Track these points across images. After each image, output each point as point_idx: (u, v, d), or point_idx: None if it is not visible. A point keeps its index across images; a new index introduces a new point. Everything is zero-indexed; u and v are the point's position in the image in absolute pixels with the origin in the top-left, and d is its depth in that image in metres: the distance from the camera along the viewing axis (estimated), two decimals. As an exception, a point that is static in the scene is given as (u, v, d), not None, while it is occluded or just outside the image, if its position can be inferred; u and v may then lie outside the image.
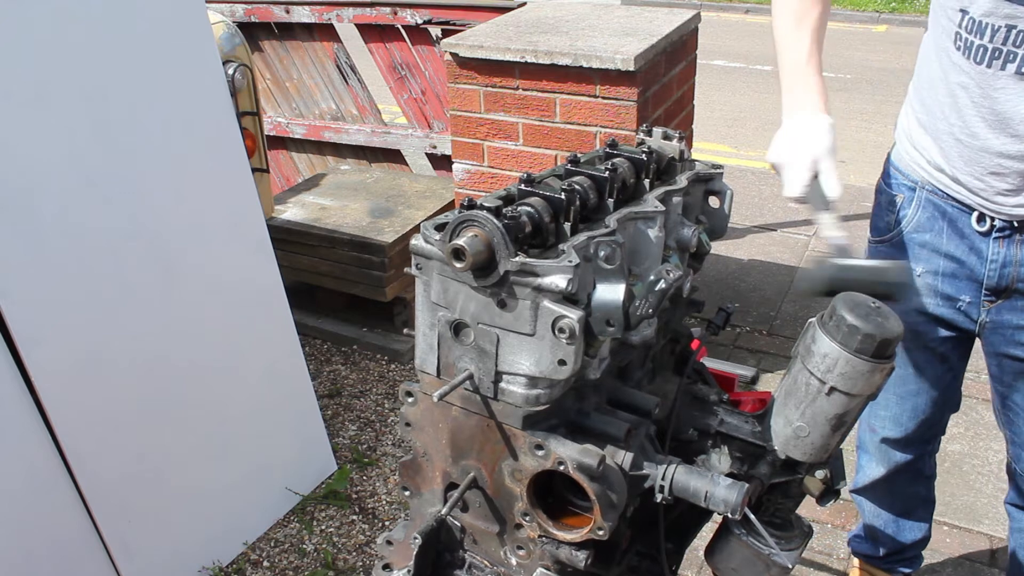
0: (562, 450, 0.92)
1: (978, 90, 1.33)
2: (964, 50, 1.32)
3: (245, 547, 2.37)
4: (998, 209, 1.41)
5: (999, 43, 1.27)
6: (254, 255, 2.35)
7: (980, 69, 1.31)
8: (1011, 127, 1.32)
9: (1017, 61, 1.27)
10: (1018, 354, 1.52)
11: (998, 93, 1.31)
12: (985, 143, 1.36)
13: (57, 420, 1.87)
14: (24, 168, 1.79)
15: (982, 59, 1.30)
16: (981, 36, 1.29)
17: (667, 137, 1.18)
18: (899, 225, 1.57)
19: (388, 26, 3.78)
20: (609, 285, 0.89)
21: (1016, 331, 1.50)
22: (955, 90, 1.37)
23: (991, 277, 1.48)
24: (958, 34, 1.32)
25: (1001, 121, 1.32)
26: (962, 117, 1.37)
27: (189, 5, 2.13)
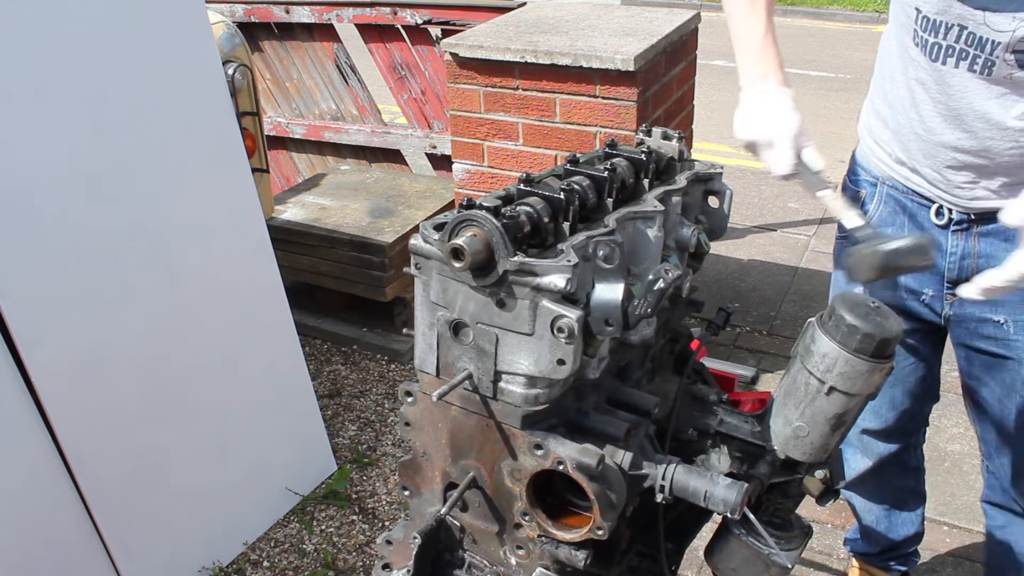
0: (561, 450, 0.92)
1: (934, 86, 1.36)
2: (921, 46, 1.35)
3: (245, 547, 2.37)
4: (956, 202, 1.44)
5: (952, 41, 1.31)
6: (254, 255, 2.35)
7: (935, 66, 1.34)
8: (965, 123, 1.35)
9: (969, 59, 1.30)
10: (982, 347, 1.55)
11: (952, 90, 1.34)
12: (941, 138, 1.39)
13: (57, 420, 1.87)
14: (24, 168, 1.79)
15: (937, 56, 1.33)
16: (935, 34, 1.32)
17: (667, 137, 1.18)
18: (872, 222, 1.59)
19: (388, 26, 3.78)
20: (608, 285, 0.89)
21: (979, 323, 1.52)
22: (913, 85, 1.40)
23: (951, 270, 1.50)
24: (915, 31, 1.35)
25: (956, 117, 1.36)
26: (920, 112, 1.41)
27: (189, 5, 2.13)
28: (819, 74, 7.77)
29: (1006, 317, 1.49)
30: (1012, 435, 1.62)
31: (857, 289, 1.49)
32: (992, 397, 1.61)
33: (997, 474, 1.73)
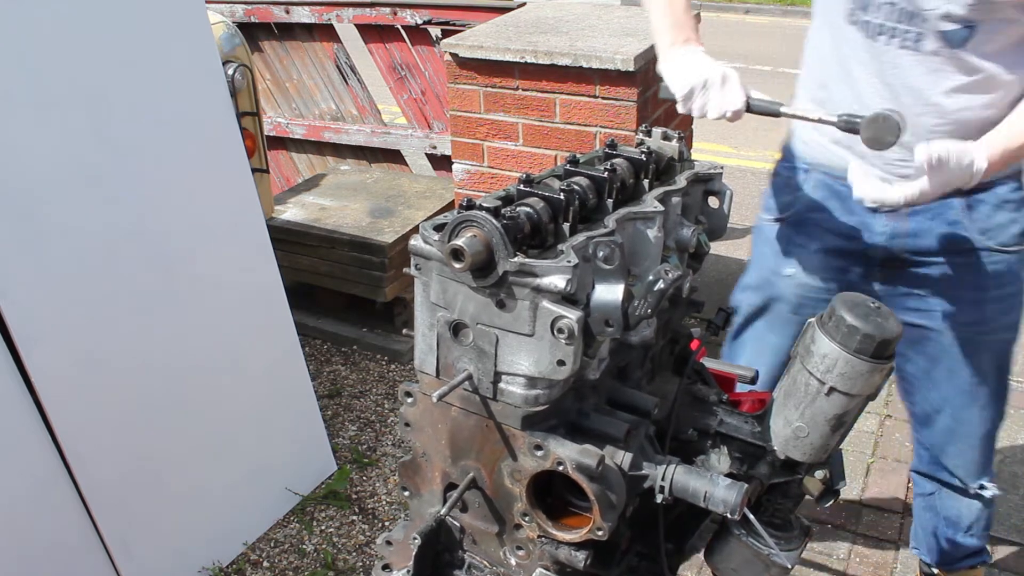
0: (561, 450, 0.92)
1: (869, 63, 1.42)
2: (855, 24, 1.42)
3: (245, 547, 2.37)
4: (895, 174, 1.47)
5: (883, 19, 1.37)
6: (254, 255, 2.35)
7: (869, 43, 1.41)
8: (897, 99, 1.40)
9: (900, 35, 1.37)
10: (908, 319, 1.59)
11: (885, 66, 1.41)
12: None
13: (57, 420, 1.87)
14: (24, 168, 1.79)
15: (870, 33, 1.40)
16: (868, 12, 1.39)
17: (666, 137, 1.18)
18: (795, 205, 1.65)
19: (388, 26, 3.78)
20: (608, 285, 0.89)
21: (906, 298, 1.60)
22: (849, 64, 1.46)
23: (881, 249, 1.56)
24: (850, 10, 1.41)
25: (889, 92, 1.42)
26: (855, 90, 1.46)
27: (189, 5, 2.13)
28: (819, 74, 7.77)
29: (930, 294, 1.57)
30: (938, 407, 1.71)
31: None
32: (918, 371, 1.69)
33: (926, 444, 1.81)
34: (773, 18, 10.20)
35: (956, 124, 1.41)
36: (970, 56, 1.36)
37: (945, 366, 1.64)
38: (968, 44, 1.35)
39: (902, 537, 2.39)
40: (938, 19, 1.33)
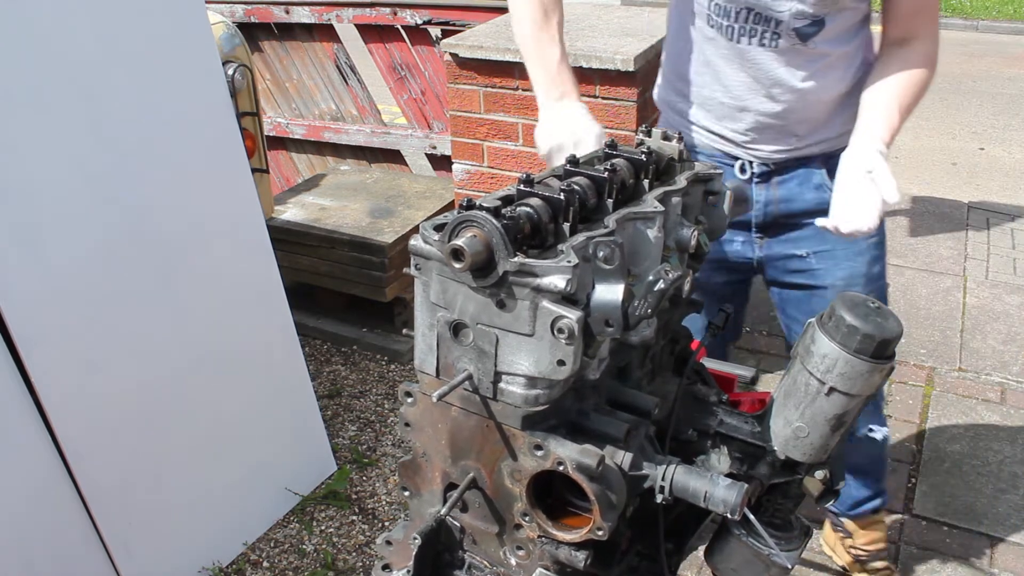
0: (561, 450, 0.92)
1: (736, 61, 1.59)
2: (717, 29, 1.57)
3: (245, 547, 2.37)
4: (758, 156, 1.67)
5: (743, 23, 1.54)
6: (254, 255, 2.35)
7: (732, 44, 1.57)
8: (765, 89, 1.59)
9: (759, 36, 1.54)
10: (792, 280, 1.78)
11: (750, 63, 1.58)
12: (745, 103, 1.62)
13: (57, 420, 1.87)
14: (24, 168, 1.79)
15: (732, 36, 1.56)
16: (728, 18, 1.55)
17: (666, 138, 1.18)
18: None
19: (388, 26, 3.78)
20: (608, 285, 0.89)
21: (786, 260, 1.76)
22: (715, 61, 1.62)
23: (758, 217, 1.72)
24: (709, 16, 1.57)
25: (756, 83, 1.60)
26: (724, 84, 1.63)
27: (189, 5, 2.13)
28: (819, 74, 7.77)
29: (807, 250, 1.73)
30: None
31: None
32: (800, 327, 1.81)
33: None
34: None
35: (816, 103, 1.61)
36: (820, 45, 1.55)
37: None
38: (818, 36, 1.54)
39: (902, 537, 2.39)
40: (792, 18, 1.50)
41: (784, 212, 1.71)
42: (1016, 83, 7.48)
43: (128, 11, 1.98)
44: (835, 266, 1.73)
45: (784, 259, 1.75)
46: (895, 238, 4.21)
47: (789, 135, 1.64)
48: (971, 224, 4.37)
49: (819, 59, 1.56)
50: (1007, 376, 3.10)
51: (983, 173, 5.46)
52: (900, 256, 4.02)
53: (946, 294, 3.69)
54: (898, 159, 5.64)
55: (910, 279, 3.82)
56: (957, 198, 4.76)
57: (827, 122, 1.64)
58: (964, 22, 9.80)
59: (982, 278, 3.82)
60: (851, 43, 1.59)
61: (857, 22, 1.58)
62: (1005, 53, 8.57)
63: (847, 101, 1.63)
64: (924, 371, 3.12)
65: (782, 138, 1.64)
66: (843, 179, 1.47)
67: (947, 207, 4.58)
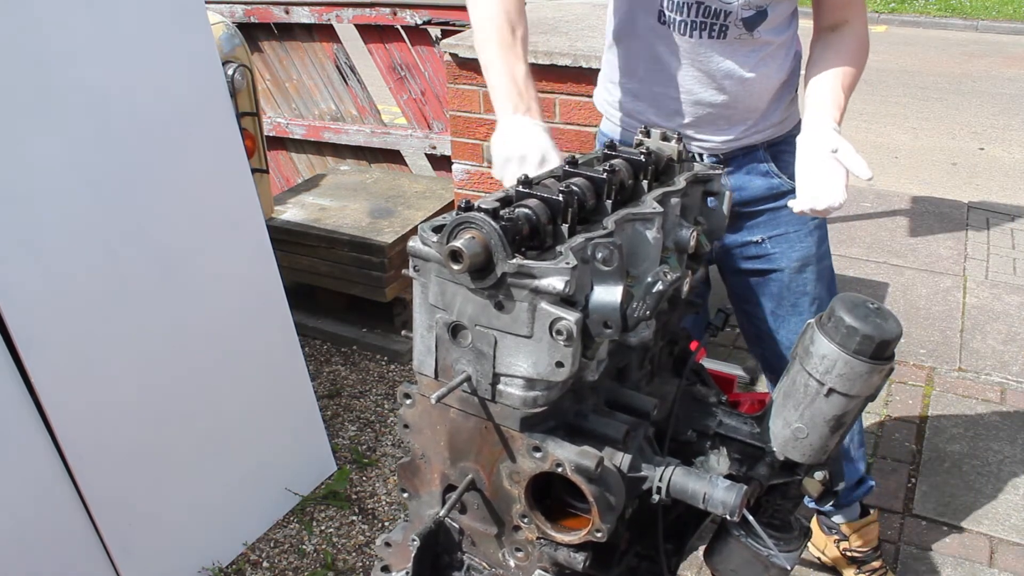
0: (560, 452, 0.92)
1: (686, 55, 1.63)
2: (670, 24, 1.62)
3: (245, 548, 2.37)
4: (707, 147, 1.71)
5: (693, 16, 1.59)
6: (254, 255, 2.35)
7: (684, 39, 1.62)
8: (715, 81, 1.64)
9: (707, 29, 1.60)
10: (748, 267, 1.83)
11: (701, 56, 1.63)
12: (698, 96, 1.66)
13: (57, 420, 1.87)
14: (24, 168, 1.79)
15: (685, 30, 1.61)
16: (681, 13, 1.59)
17: (665, 138, 1.18)
18: None
19: (387, 27, 3.78)
20: (607, 287, 0.89)
21: (743, 247, 1.81)
22: (665, 57, 1.66)
23: None
24: (661, 12, 1.61)
25: (708, 77, 1.64)
26: (674, 79, 1.67)
27: (189, 5, 2.13)
28: (819, 74, 7.76)
29: (762, 236, 1.78)
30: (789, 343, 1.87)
31: None
32: (765, 313, 1.87)
33: None
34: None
35: (761, 91, 1.67)
36: (763, 34, 1.61)
37: (788, 301, 1.83)
38: (762, 25, 1.60)
39: (902, 537, 2.39)
40: (740, 8, 1.57)
41: (736, 201, 1.74)
42: (1016, 83, 7.48)
43: (128, 11, 1.98)
44: (790, 248, 1.80)
45: (741, 247, 1.81)
46: (895, 238, 4.21)
47: (736, 124, 1.69)
48: (971, 224, 4.37)
49: (762, 48, 1.63)
50: (1007, 376, 3.10)
51: (983, 173, 5.46)
52: (900, 256, 4.02)
53: (946, 294, 3.69)
54: (898, 159, 5.63)
55: (910, 279, 3.81)
56: (957, 198, 4.75)
57: (769, 110, 1.70)
58: (964, 22, 9.79)
59: (982, 278, 3.82)
60: (787, 32, 1.67)
61: (791, 12, 1.66)
62: (1005, 53, 8.57)
63: (785, 89, 1.72)
64: (924, 371, 3.12)
65: (730, 128, 1.70)
66: (806, 160, 1.51)
67: (947, 207, 4.58)
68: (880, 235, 4.24)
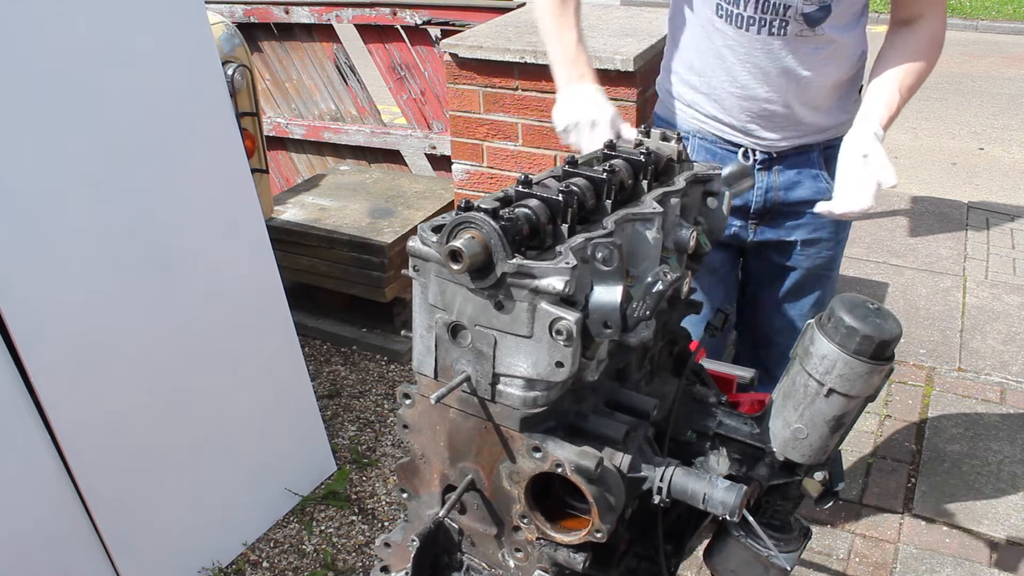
0: (560, 452, 0.91)
1: (742, 50, 1.61)
2: (726, 18, 1.60)
3: (244, 548, 2.37)
4: (760, 144, 1.70)
5: (752, 12, 1.57)
6: (254, 255, 2.35)
7: (741, 33, 1.59)
8: (770, 79, 1.62)
9: (767, 24, 1.57)
10: (776, 260, 1.85)
11: (757, 52, 1.60)
12: (753, 92, 1.64)
13: (57, 420, 1.87)
14: (24, 168, 1.79)
15: (741, 24, 1.59)
16: (738, 6, 1.57)
17: (665, 138, 1.18)
18: None
19: (387, 27, 3.78)
20: (606, 287, 0.88)
21: (776, 245, 1.82)
22: (722, 51, 1.64)
23: (757, 202, 1.76)
24: (719, 5, 1.60)
25: (763, 74, 1.62)
26: (731, 74, 1.65)
27: (189, 5, 2.13)
28: (819, 74, 7.77)
29: (798, 238, 1.79)
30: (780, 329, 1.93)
31: None
32: (769, 299, 1.91)
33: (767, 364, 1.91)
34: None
35: (820, 91, 1.64)
36: (826, 31, 1.57)
37: (794, 295, 1.87)
38: (825, 22, 1.56)
39: (902, 537, 2.39)
40: (802, 3, 1.53)
41: (783, 200, 1.75)
42: (1016, 83, 7.48)
43: (128, 11, 1.98)
44: (816, 254, 1.81)
45: (775, 244, 1.81)
46: (895, 238, 4.21)
47: (793, 124, 1.67)
48: (971, 224, 4.37)
49: (825, 46, 1.59)
50: (1007, 376, 3.09)
51: (983, 173, 5.46)
52: (900, 256, 4.02)
53: (946, 294, 3.69)
54: (898, 159, 5.63)
55: (910, 279, 3.81)
56: (957, 198, 4.75)
57: (828, 111, 1.67)
58: (964, 22, 9.79)
59: (982, 278, 3.82)
60: (854, 30, 1.62)
61: (859, 9, 1.61)
62: (1005, 53, 8.57)
63: (847, 90, 1.67)
64: (924, 371, 3.12)
65: (786, 127, 1.67)
66: (841, 163, 1.52)
67: (947, 207, 4.58)
68: (880, 235, 4.24)
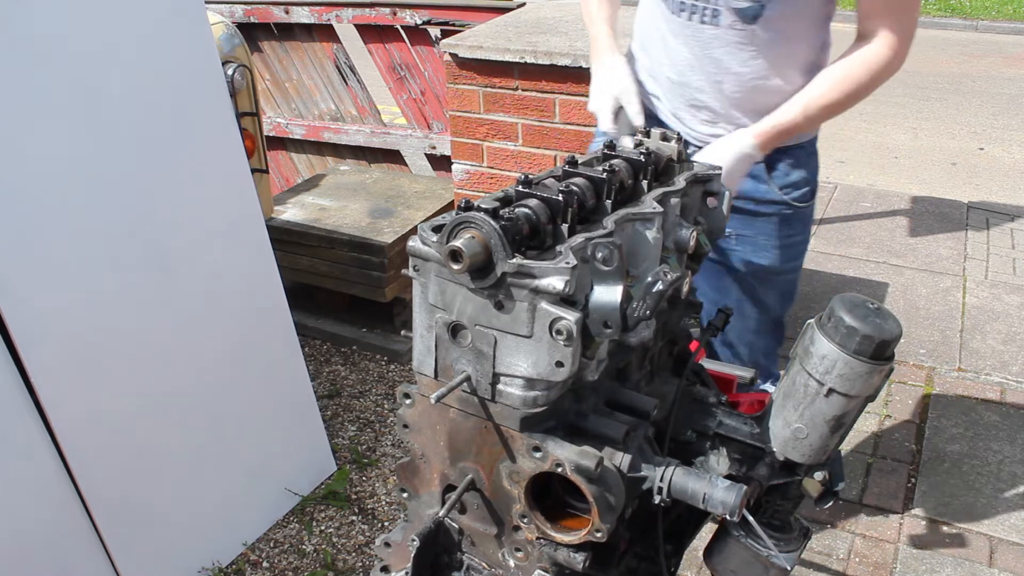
0: (560, 452, 0.91)
1: (681, 37, 1.61)
2: (667, 4, 1.61)
3: (244, 548, 2.37)
4: (692, 135, 1.70)
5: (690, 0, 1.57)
6: (254, 255, 2.35)
7: (679, 19, 1.60)
8: (704, 68, 1.61)
9: (700, 12, 1.56)
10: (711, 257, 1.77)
11: (691, 40, 1.60)
12: (685, 79, 1.65)
13: (57, 420, 1.87)
14: (24, 168, 1.79)
15: (678, 11, 1.59)
16: None
17: (665, 138, 1.18)
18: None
19: (387, 27, 3.78)
20: (606, 287, 0.89)
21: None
22: (666, 37, 1.65)
23: None
24: None
25: (698, 63, 1.61)
26: (671, 59, 1.66)
27: (189, 5, 2.13)
28: (819, 74, 7.76)
29: (732, 232, 1.76)
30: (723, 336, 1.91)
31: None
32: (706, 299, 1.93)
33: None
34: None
35: (752, 91, 1.60)
36: (762, 30, 1.53)
37: (734, 298, 1.84)
38: (760, 20, 1.52)
39: (902, 537, 2.39)
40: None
41: None
42: (1016, 83, 7.48)
43: (128, 11, 1.98)
44: (753, 254, 1.77)
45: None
46: (895, 238, 4.21)
47: (724, 119, 1.64)
48: (970, 224, 4.37)
49: (761, 46, 1.55)
50: (1007, 376, 3.09)
51: (983, 173, 5.46)
52: (900, 256, 4.02)
53: (946, 294, 3.69)
54: (898, 159, 5.63)
55: (910, 279, 3.81)
56: (957, 198, 4.75)
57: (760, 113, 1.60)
58: (964, 22, 9.79)
59: (981, 278, 3.82)
60: (802, 40, 1.57)
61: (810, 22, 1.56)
62: (1005, 53, 8.57)
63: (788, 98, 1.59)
64: (924, 371, 3.12)
65: (716, 120, 1.65)
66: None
67: (946, 207, 4.58)
68: (880, 235, 4.24)
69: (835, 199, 4.65)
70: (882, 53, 1.53)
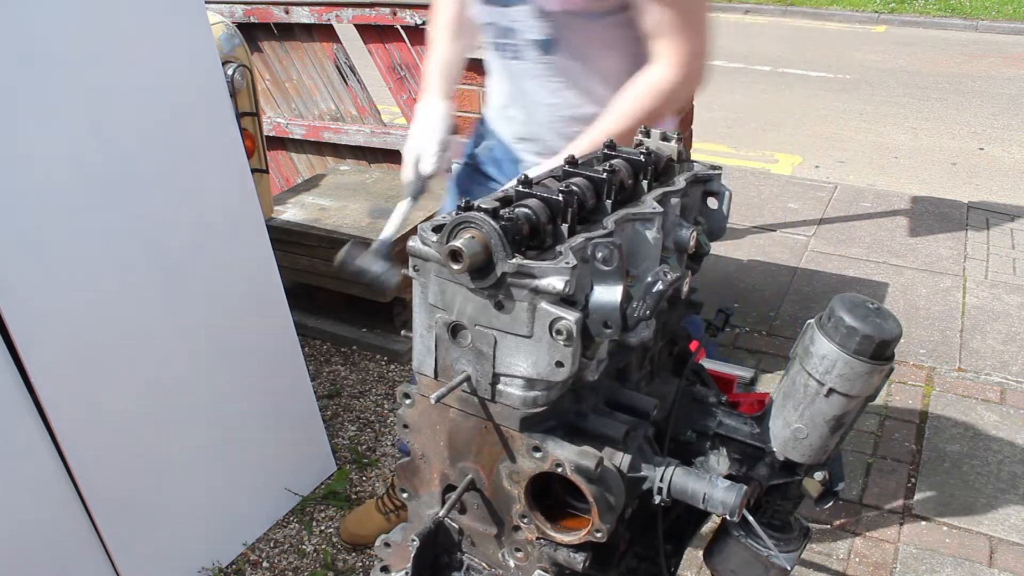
0: (560, 452, 0.92)
1: (499, 73, 1.70)
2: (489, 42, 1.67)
3: (244, 548, 2.37)
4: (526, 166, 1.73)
5: (495, 37, 1.62)
6: (254, 255, 2.35)
7: (495, 57, 1.67)
8: (519, 101, 1.68)
9: (505, 49, 1.62)
10: None
11: (506, 76, 1.67)
12: (507, 113, 1.73)
13: (57, 420, 1.87)
14: (24, 168, 1.79)
15: (494, 48, 1.65)
16: (488, 34, 1.65)
17: (665, 138, 1.18)
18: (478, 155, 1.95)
19: (387, 27, 3.78)
20: (607, 287, 0.89)
21: None
22: (493, 73, 1.73)
23: None
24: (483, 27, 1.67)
25: (513, 97, 1.69)
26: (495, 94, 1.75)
27: (189, 5, 2.13)
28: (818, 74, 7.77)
29: None
30: None
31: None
32: None
33: None
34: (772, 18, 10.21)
35: (568, 119, 1.62)
36: (563, 60, 1.55)
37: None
38: (557, 51, 1.54)
39: (902, 537, 2.39)
40: (526, 30, 1.54)
41: None
42: (1016, 83, 7.48)
43: (127, 11, 1.98)
44: None
45: None
46: (895, 238, 4.21)
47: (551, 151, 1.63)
48: (970, 224, 4.37)
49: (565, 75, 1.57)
50: (1007, 376, 3.10)
51: (983, 173, 5.46)
52: (900, 256, 4.02)
53: (946, 294, 3.69)
54: (898, 159, 5.64)
55: (910, 279, 3.82)
56: (957, 198, 4.76)
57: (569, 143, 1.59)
58: (964, 22, 9.80)
59: (982, 278, 3.82)
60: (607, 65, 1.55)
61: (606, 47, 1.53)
62: (1005, 53, 8.57)
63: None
64: (924, 371, 3.12)
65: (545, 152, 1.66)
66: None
67: (946, 207, 4.58)
68: (880, 235, 4.24)
69: (835, 199, 4.65)
70: (667, 76, 1.47)
